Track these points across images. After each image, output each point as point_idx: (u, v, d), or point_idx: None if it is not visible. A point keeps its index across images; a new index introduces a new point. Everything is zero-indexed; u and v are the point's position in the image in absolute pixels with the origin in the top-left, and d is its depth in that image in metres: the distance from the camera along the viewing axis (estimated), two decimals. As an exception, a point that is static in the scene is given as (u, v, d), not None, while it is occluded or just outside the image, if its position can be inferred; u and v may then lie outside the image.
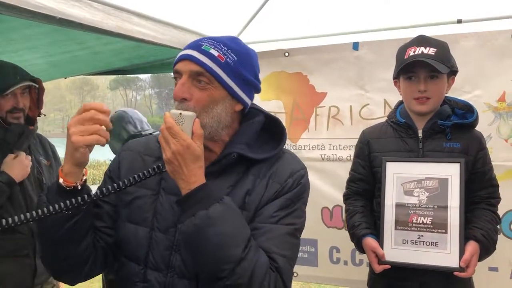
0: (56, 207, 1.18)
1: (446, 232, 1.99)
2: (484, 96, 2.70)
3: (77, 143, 1.16)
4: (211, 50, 1.29)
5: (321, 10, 2.90)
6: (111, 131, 3.56)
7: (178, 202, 1.25)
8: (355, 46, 2.99)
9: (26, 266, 2.41)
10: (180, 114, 1.22)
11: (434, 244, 2.00)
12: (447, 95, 2.18)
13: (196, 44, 1.32)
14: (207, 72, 1.27)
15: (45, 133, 2.88)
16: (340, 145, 3.07)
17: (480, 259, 2.01)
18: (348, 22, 2.98)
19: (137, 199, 1.38)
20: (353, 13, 2.88)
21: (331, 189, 3.05)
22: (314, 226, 3.05)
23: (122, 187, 1.27)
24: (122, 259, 1.40)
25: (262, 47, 3.19)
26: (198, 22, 2.89)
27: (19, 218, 1.15)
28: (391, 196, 2.09)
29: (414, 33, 2.21)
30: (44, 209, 1.17)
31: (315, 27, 3.08)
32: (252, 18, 3.08)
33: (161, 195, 1.37)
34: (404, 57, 2.06)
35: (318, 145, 3.13)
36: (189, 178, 1.21)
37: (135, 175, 1.27)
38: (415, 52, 2.03)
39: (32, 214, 1.16)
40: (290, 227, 1.31)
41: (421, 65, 2.01)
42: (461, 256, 1.95)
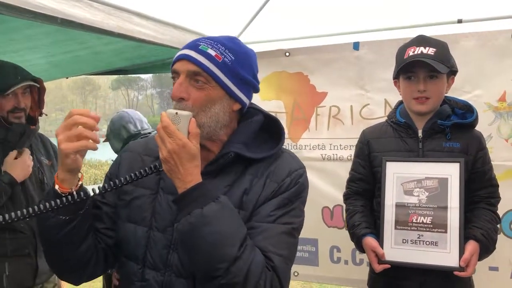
0: (41, 207, 1.18)
1: (446, 232, 1.99)
2: (485, 96, 2.70)
3: (66, 150, 1.17)
4: (209, 50, 1.29)
5: (322, 10, 2.90)
6: (112, 131, 3.54)
7: (175, 201, 1.26)
8: (356, 46, 2.99)
9: (27, 266, 2.41)
10: (176, 114, 1.23)
11: (434, 244, 2.00)
12: (447, 95, 2.18)
13: (194, 44, 1.32)
14: (205, 72, 1.28)
15: (47, 133, 2.88)
16: (341, 145, 3.08)
17: (480, 259, 2.02)
18: (349, 22, 2.98)
19: (136, 199, 1.39)
20: (354, 13, 2.88)
21: (332, 189, 3.05)
22: (315, 226, 3.06)
23: (118, 185, 1.27)
24: (122, 259, 1.40)
25: (263, 47, 3.20)
26: (199, 22, 2.90)
27: (4, 217, 1.15)
28: (391, 196, 2.10)
29: (415, 33, 2.21)
30: (30, 209, 1.18)
31: (316, 27, 3.09)
32: (253, 18, 3.09)
33: (160, 195, 1.37)
34: (404, 57, 2.06)
35: (319, 145, 3.13)
36: (185, 177, 1.22)
37: (132, 174, 1.28)
38: (415, 52, 2.04)
39: (17, 214, 1.16)
40: (287, 226, 1.31)
41: (421, 65, 2.01)
42: (461, 256, 1.95)
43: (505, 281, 2.67)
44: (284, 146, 1.44)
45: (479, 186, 2.09)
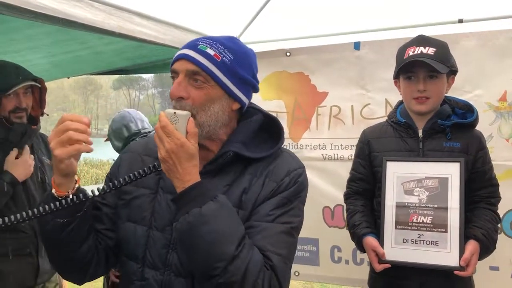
0: (40, 209, 1.19)
1: (446, 232, 1.99)
2: (485, 96, 2.70)
3: (60, 156, 1.18)
4: (207, 50, 1.30)
5: (322, 10, 2.90)
6: (114, 131, 3.54)
7: (173, 200, 1.26)
8: (357, 46, 2.99)
9: (29, 265, 2.43)
10: (175, 113, 1.23)
11: (434, 243, 2.00)
12: (447, 95, 2.18)
13: (193, 44, 1.33)
14: (203, 71, 1.28)
15: (48, 133, 2.87)
16: (342, 145, 3.08)
17: (480, 258, 2.02)
18: (349, 22, 2.98)
19: (136, 199, 1.39)
20: (354, 13, 2.88)
21: (333, 189, 3.05)
22: (316, 226, 3.06)
23: (117, 186, 1.28)
24: (123, 258, 1.41)
25: (264, 47, 3.20)
26: (200, 22, 2.90)
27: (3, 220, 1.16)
28: (392, 196, 2.10)
29: (415, 33, 2.21)
30: (29, 212, 1.19)
31: (317, 27, 3.09)
32: (254, 18, 3.09)
33: (159, 194, 1.37)
34: (404, 57, 2.06)
35: (320, 145, 3.13)
36: (184, 177, 1.22)
37: (131, 174, 1.28)
38: (415, 52, 2.04)
39: (16, 217, 1.17)
40: (286, 226, 1.31)
41: (420, 65, 2.01)
42: (461, 255, 1.95)
43: (506, 281, 2.67)
44: (285, 146, 1.44)
45: (479, 186, 2.09)
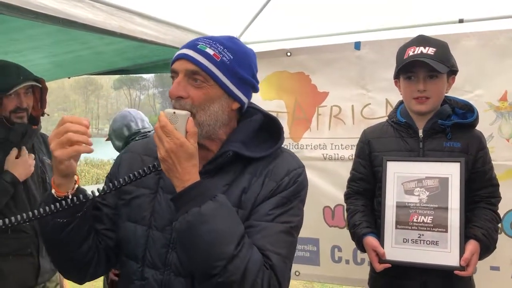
0: (41, 211, 1.20)
1: (447, 231, 1.99)
2: (486, 96, 2.70)
3: (60, 157, 1.18)
4: (207, 49, 1.30)
5: (323, 10, 2.91)
6: (114, 130, 3.54)
7: (173, 200, 1.26)
8: (357, 46, 2.99)
9: (30, 265, 2.43)
10: (174, 113, 1.23)
11: (435, 243, 2.00)
12: (448, 95, 2.18)
13: (192, 44, 1.33)
14: (203, 71, 1.28)
15: (49, 133, 2.87)
16: (342, 145, 3.08)
17: (481, 258, 2.02)
18: (350, 22, 2.98)
19: (136, 198, 1.40)
20: (355, 13, 2.88)
21: (333, 189, 3.04)
22: (316, 225, 3.06)
23: (117, 186, 1.28)
24: (123, 258, 1.41)
25: (264, 47, 3.20)
26: (200, 23, 2.90)
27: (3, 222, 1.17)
28: (392, 196, 2.10)
29: (416, 33, 2.21)
30: (30, 213, 1.19)
31: (317, 27, 3.09)
32: (254, 18, 3.09)
33: (159, 194, 1.38)
34: (404, 57, 2.07)
35: (320, 145, 3.13)
36: (183, 176, 1.22)
37: (130, 174, 1.29)
38: (415, 52, 2.04)
39: (17, 218, 1.17)
40: (286, 225, 1.31)
41: (420, 65, 2.01)
42: (462, 255, 1.95)
43: (506, 281, 2.67)
44: (286, 146, 1.44)
45: (480, 186, 2.10)
